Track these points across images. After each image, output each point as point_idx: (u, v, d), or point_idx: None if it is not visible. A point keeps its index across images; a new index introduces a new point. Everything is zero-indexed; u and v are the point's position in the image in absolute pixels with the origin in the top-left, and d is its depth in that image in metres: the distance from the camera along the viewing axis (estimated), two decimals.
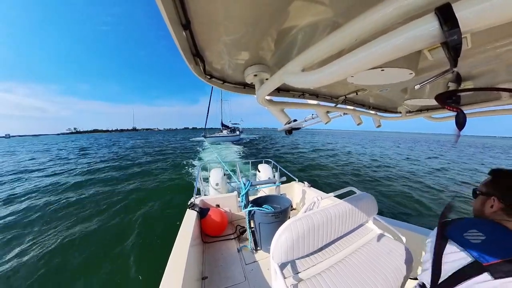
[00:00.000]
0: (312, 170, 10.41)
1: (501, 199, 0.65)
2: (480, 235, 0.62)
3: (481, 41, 0.56)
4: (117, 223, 4.66)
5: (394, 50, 0.31)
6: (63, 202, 6.05)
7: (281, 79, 0.61)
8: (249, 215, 1.95)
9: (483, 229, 0.63)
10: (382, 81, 0.74)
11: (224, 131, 30.39)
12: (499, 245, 0.58)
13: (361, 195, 1.35)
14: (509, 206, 0.63)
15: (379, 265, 1.05)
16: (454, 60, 0.29)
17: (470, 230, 0.64)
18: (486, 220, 0.67)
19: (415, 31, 0.28)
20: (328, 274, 0.97)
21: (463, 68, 0.76)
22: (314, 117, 1.25)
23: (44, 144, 46.27)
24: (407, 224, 1.67)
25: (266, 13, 0.46)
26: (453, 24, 0.25)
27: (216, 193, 3.33)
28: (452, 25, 0.25)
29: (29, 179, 9.44)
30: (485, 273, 0.55)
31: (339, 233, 1.15)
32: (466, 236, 0.63)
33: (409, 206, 5.78)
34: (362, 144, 32.58)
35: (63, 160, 15.35)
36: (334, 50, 0.44)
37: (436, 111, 1.55)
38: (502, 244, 0.58)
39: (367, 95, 1.22)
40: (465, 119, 0.39)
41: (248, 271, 1.75)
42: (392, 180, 8.86)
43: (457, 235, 0.65)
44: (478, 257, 0.58)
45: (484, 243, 0.60)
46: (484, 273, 0.55)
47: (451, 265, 0.62)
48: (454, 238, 0.65)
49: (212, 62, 0.72)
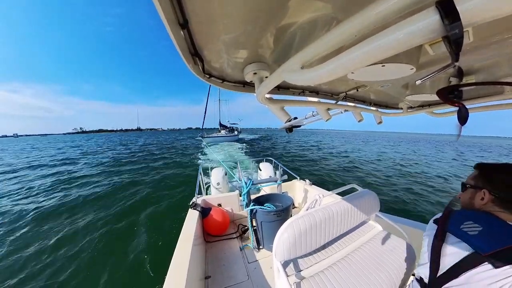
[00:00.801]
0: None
1: (492, 192, 0.67)
2: (477, 226, 0.63)
3: (483, 35, 0.55)
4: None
5: (394, 46, 0.31)
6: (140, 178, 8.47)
7: (281, 77, 0.60)
8: (251, 214, 1.95)
9: (479, 220, 0.64)
10: (383, 77, 0.73)
11: (222, 131, 30.25)
12: (496, 235, 0.59)
13: (363, 192, 1.34)
14: (500, 198, 0.65)
15: (382, 262, 1.05)
16: (455, 54, 0.28)
17: (466, 222, 0.65)
18: (479, 212, 0.69)
19: (416, 26, 0.28)
20: (331, 272, 0.97)
21: (465, 62, 0.75)
22: (314, 114, 1.24)
23: (63, 142, 50.62)
24: (409, 221, 1.66)
25: (264, 10, 0.46)
26: (454, 17, 0.25)
27: (218, 192, 3.34)
28: (453, 18, 0.25)
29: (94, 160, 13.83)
30: (485, 263, 0.56)
31: (341, 230, 1.15)
32: (463, 228, 0.64)
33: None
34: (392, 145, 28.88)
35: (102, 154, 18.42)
36: (334, 47, 0.44)
37: (438, 106, 1.53)
38: (499, 234, 0.60)
39: (368, 91, 1.21)
40: (467, 114, 0.39)
41: (251, 269, 1.76)
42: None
43: (454, 227, 0.67)
44: (477, 248, 0.58)
45: (481, 234, 0.61)
46: (484, 263, 0.56)
47: (450, 257, 0.63)
48: (452, 231, 0.66)
49: (211, 61, 0.72)
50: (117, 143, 33.95)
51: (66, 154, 19.18)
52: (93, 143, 36.66)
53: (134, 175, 9.10)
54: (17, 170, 11.69)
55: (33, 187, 7.73)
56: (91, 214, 5.00)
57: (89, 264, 3.23)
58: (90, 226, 4.42)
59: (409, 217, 1.72)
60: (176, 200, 5.79)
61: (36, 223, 4.71)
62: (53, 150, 25.87)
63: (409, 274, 1.06)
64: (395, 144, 34.05)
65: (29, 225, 4.61)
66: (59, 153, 21.20)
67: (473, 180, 0.74)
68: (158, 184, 7.55)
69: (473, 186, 0.73)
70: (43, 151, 25.14)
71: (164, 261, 3.10)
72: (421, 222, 1.64)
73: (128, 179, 8.24)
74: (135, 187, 7.14)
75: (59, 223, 4.65)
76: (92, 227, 4.37)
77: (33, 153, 22.32)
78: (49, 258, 3.40)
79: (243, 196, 2.11)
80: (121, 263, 3.21)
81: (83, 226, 4.41)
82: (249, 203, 2.04)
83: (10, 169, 12.00)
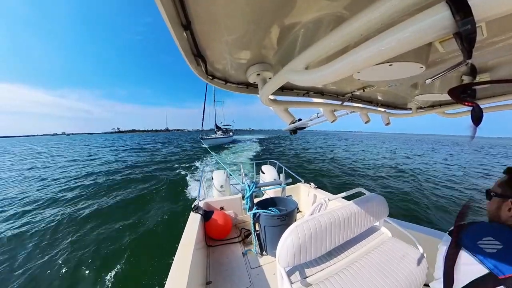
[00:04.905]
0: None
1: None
2: (497, 243, 0.56)
3: (497, 29, 0.52)
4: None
5: (402, 44, 0.29)
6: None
7: (285, 78, 0.59)
8: (254, 218, 1.92)
9: (500, 236, 0.58)
10: (391, 76, 0.71)
11: (218, 133, 30.38)
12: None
13: (371, 196, 1.30)
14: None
15: (391, 270, 1.00)
16: (468, 52, 0.27)
17: (485, 238, 0.59)
18: (503, 226, 0.61)
19: (425, 22, 0.27)
20: (337, 279, 0.93)
21: (478, 60, 0.71)
22: (319, 116, 1.22)
23: (121, 140, 56.90)
24: (420, 227, 1.59)
25: (267, 10, 0.45)
26: (466, 12, 0.24)
27: (220, 195, 3.33)
28: (465, 13, 0.24)
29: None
30: (501, 287, 0.50)
31: (348, 236, 1.11)
32: (481, 244, 0.58)
33: None
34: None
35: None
36: (339, 46, 0.43)
37: (450, 106, 1.47)
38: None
39: (375, 91, 1.18)
40: (481, 113, 0.37)
41: (253, 275, 1.72)
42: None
43: (471, 242, 0.60)
44: (493, 269, 0.53)
45: (501, 253, 0.54)
46: (500, 287, 0.51)
47: (464, 276, 0.57)
48: (467, 246, 0.60)
49: (214, 62, 0.71)
50: (172, 142, 36.36)
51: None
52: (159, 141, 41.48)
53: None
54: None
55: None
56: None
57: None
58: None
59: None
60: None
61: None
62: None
63: (419, 284, 1.00)
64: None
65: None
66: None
67: (501, 187, 0.65)
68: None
69: (499, 195, 0.64)
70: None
71: (164, 265, 3.14)
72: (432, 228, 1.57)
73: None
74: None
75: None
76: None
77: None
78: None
79: (246, 199, 2.08)
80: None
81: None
82: (252, 207, 2.01)
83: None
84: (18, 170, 12.33)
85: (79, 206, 5.72)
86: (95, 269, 3.18)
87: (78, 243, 3.91)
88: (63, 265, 3.32)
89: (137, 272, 3.08)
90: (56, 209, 5.61)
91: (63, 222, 4.74)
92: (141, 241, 3.91)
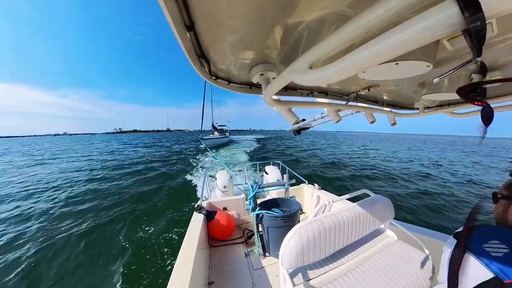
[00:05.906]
0: None
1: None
2: (503, 247, 0.54)
3: (509, 26, 0.50)
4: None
5: (409, 42, 0.29)
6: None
7: (288, 78, 0.59)
8: (257, 219, 1.91)
9: (507, 240, 0.56)
10: (397, 75, 0.69)
11: (215, 133, 30.80)
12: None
13: (376, 198, 1.28)
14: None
15: (397, 274, 0.98)
16: (477, 49, 0.26)
17: (491, 241, 0.57)
18: (510, 229, 0.59)
19: (433, 19, 0.26)
20: (341, 282, 0.92)
21: (488, 57, 0.69)
22: (323, 116, 1.21)
23: (130, 139, 59.18)
24: (427, 230, 1.55)
25: (270, 10, 0.45)
26: (475, 8, 0.23)
27: (223, 195, 3.33)
28: (474, 10, 0.23)
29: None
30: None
31: (352, 238, 1.09)
32: (486, 247, 0.56)
33: None
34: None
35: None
36: (344, 45, 0.42)
37: (458, 106, 1.43)
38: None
39: (381, 91, 1.16)
40: (492, 113, 0.35)
41: (256, 277, 1.71)
42: None
43: (476, 245, 0.58)
44: (498, 273, 0.51)
45: (507, 256, 0.52)
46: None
47: (469, 280, 0.55)
48: (473, 249, 0.58)
49: (217, 62, 0.72)
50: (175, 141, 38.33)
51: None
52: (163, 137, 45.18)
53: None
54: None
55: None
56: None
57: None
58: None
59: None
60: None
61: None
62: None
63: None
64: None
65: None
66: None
67: (507, 190, 0.63)
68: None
69: (506, 197, 0.63)
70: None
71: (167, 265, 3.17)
72: (440, 231, 1.53)
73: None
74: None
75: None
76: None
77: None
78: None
79: (249, 200, 2.07)
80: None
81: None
82: (255, 207, 2.01)
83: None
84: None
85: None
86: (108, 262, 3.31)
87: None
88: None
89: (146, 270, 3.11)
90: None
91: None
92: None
